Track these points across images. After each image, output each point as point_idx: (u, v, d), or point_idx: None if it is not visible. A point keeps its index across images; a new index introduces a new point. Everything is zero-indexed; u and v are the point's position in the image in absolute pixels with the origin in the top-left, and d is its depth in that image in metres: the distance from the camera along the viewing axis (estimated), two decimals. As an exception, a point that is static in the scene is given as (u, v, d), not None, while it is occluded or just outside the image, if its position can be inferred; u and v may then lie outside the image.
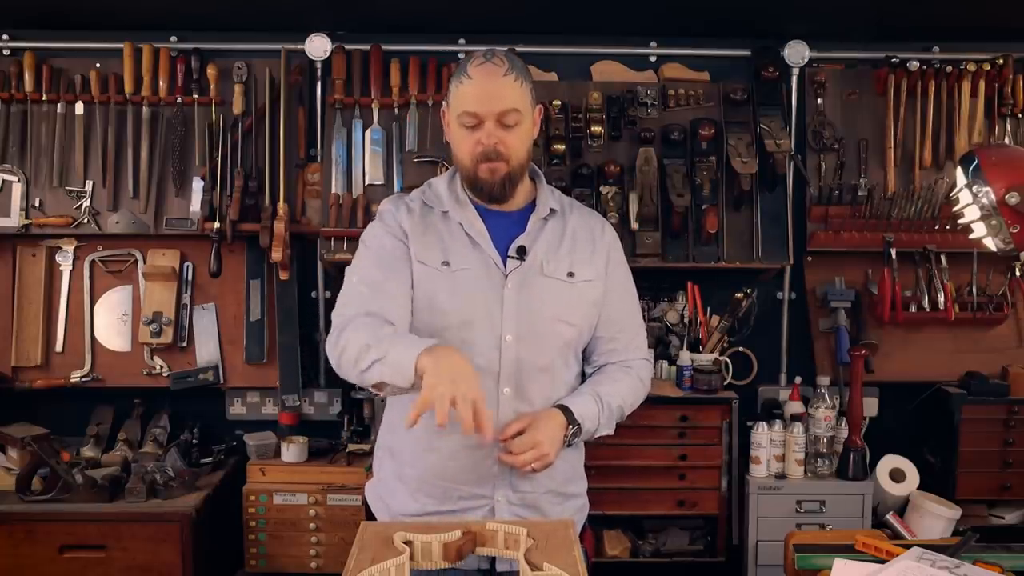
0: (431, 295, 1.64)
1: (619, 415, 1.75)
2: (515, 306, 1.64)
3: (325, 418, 2.90)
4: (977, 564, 1.45)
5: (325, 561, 2.61)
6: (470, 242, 1.67)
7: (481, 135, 1.60)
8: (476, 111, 1.59)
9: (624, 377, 1.77)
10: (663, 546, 2.67)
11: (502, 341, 1.64)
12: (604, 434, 1.73)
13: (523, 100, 1.62)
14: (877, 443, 2.75)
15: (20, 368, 2.85)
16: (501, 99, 1.59)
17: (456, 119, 1.63)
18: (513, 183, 1.66)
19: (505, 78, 1.59)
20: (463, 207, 1.69)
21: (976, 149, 1.92)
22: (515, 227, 1.70)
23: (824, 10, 2.73)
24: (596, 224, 1.80)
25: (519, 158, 1.64)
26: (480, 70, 1.60)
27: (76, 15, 2.81)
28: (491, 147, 1.60)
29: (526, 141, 1.66)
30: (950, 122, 2.89)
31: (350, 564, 1.30)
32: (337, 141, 2.85)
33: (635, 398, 1.80)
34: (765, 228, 2.84)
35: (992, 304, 2.85)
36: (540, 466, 1.59)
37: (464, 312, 1.64)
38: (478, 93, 1.59)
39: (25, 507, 2.42)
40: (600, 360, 1.80)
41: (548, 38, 2.92)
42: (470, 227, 1.67)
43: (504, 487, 1.67)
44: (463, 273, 1.65)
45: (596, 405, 1.69)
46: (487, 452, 1.64)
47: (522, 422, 1.60)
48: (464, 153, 1.64)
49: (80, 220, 2.83)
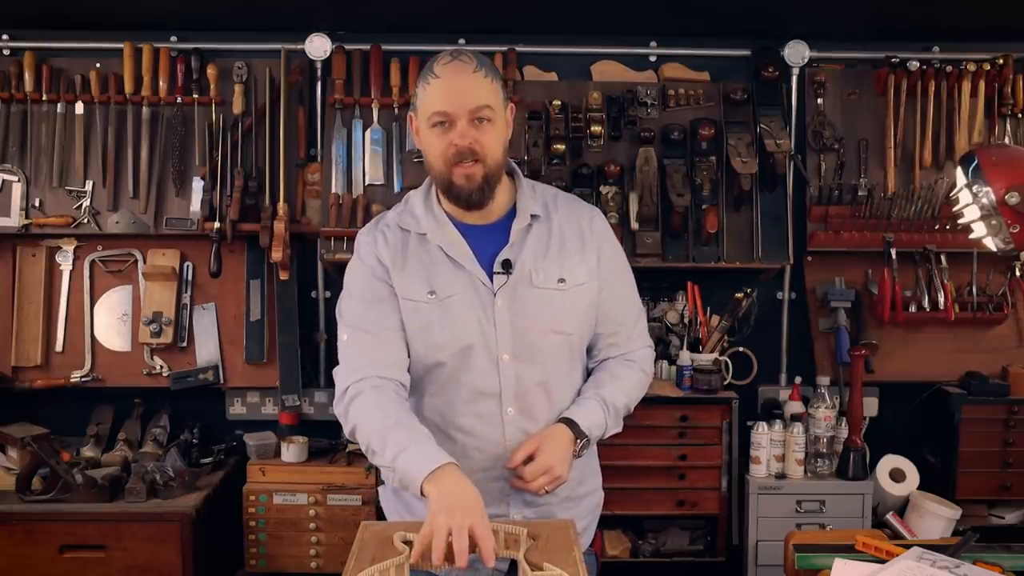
0: (423, 328, 1.60)
1: (625, 412, 1.73)
2: (508, 323, 1.60)
3: (325, 418, 2.89)
4: (977, 564, 1.45)
5: (325, 561, 2.61)
6: (453, 264, 1.61)
7: (454, 136, 1.52)
8: (447, 109, 1.52)
9: (627, 372, 1.73)
10: (663, 546, 2.68)
11: (499, 361, 1.60)
12: (613, 433, 1.71)
13: (495, 97, 1.55)
14: (877, 443, 2.76)
15: (20, 368, 2.85)
16: (473, 96, 1.52)
17: (426, 121, 1.55)
18: (491, 186, 1.58)
19: (475, 75, 1.53)
20: (441, 226, 1.62)
21: (976, 149, 1.92)
22: (498, 238, 1.63)
23: (824, 10, 2.72)
24: (583, 217, 1.70)
25: (495, 158, 1.56)
26: (448, 68, 1.53)
27: (76, 15, 2.81)
28: (465, 147, 1.52)
29: (501, 140, 1.58)
30: (950, 122, 2.89)
31: (350, 564, 1.30)
32: (337, 141, 2.85)
33: (640, 391, 1.77)
34: (765, 228, 2.84)
35: (992, 304, 2.85)
36: (553, 488, 1.56)
37: (459, 339, 1.59)
38: (448, 91, 1.52)
39: (25, 507, 2.42)
40: (601, 355, 1.75)
41: (548, 38, 2.92)
42: (450, 248, 1.61)
43: (519, 504, 1.65)
44: (451, 300, 1.60)
45: (602, 411, 1.65)
46: (500, 473, 1.62)
47: (530, 446, 1.56)
48: (437, 157, 1.55)
49: (80, 220, 2.83)
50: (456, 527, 1.33)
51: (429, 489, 1.40)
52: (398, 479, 1.48)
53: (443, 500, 1.37)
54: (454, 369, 1.61)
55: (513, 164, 1.70)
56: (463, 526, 1.33)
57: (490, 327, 1.60)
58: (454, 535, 1.32)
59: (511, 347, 1.60)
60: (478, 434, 1.62)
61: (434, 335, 1.60)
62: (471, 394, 1.61)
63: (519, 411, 1.62)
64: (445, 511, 1.35)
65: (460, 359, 1.60)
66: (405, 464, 1.45)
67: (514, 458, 1.56)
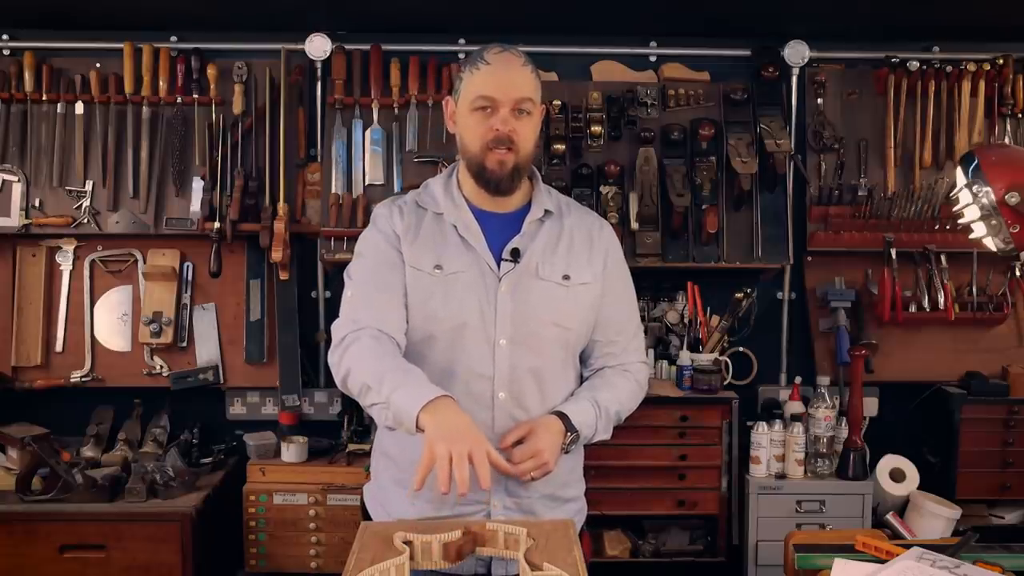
0: (424, 300, 1.64)
1: (616, 420, 1.74)
2: (509, 310, 1.64)
3: (325, 418, 2.90)
4: (977, 564, 1.45)
5: (325, 561, 2.61)
6: (464, 244, 1.66)
7: (495, 121, 1.60)
8: (493, 95, 1.59)
9: (622, 382, 1.76)
10: (663, 546, 2.67)
11: (496, 345, 1.63)
12: (601, 439, 1.73)
13: (535, 92, 1.64)
14: (877, 443, 2.75)
15: (20, 368, 2.85)
16: (518, 87, 1.60)
17: (469, 104, 1.62)
18: (519, 175, 1.66)
19: (523, 68, 1.62)
20: (458, 208, 1.69)
21: (976, 149, 1.91)
22: (510, 228, 1.69)
23: (824, 10, 2.73)
24: (594, 224, 1.78)
25: (527, 150, 1.64)
26: (499, 57, 1.61)
27: (76, 15, 2.81)
28: (505, 134, 1.59)
29: (535, 134, 1.67)
30: (950, 122, 2.89)
31: (350, 564, 1.30)
32: (337, 141, 2.85)
33: (633, 403, 1.79)
34: (765, 228, 2.84)
35: (992, 304, 2.85)
36: (540, 474, 1.58)
37: (457, 316, 1.63)
38: (496, 79, 1.60)
39: (25, 507, 2.42)
40: (597, 364, 1.78)
41: (548, 38, 2.92)
42: (464, 229, 1.67)
43: (500, 493, 1.66)
44: (456, 277, 1.64)
45: (594, 411, 1.68)
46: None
47: (521, 430, 1.60)
48: (474, 139, 1.63)
49: (80, 220, 2.83)
50: (456, 454, 1.35)
51: (425, 419, 1.42)
52: (392, 415, 1.48)
53: (440, 429, 1.39)
54: (447, 345, 1.64)
55: (533, 167, 1.76)
56: (462, 453, 1.36)
57: (490, 311, 1.63)
58: (455, 462, 1.35)
59: (509, 333, 1.64)
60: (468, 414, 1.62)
61: (434, 308, 1.64)
62: (464, 374, 1.64)
63: (510, 396, 1.65)
64: (443, 439, 1.37)
65: (454, 336, 1.63)
66: (401, 399, 1.46)
67: (505, 439, 1.59)
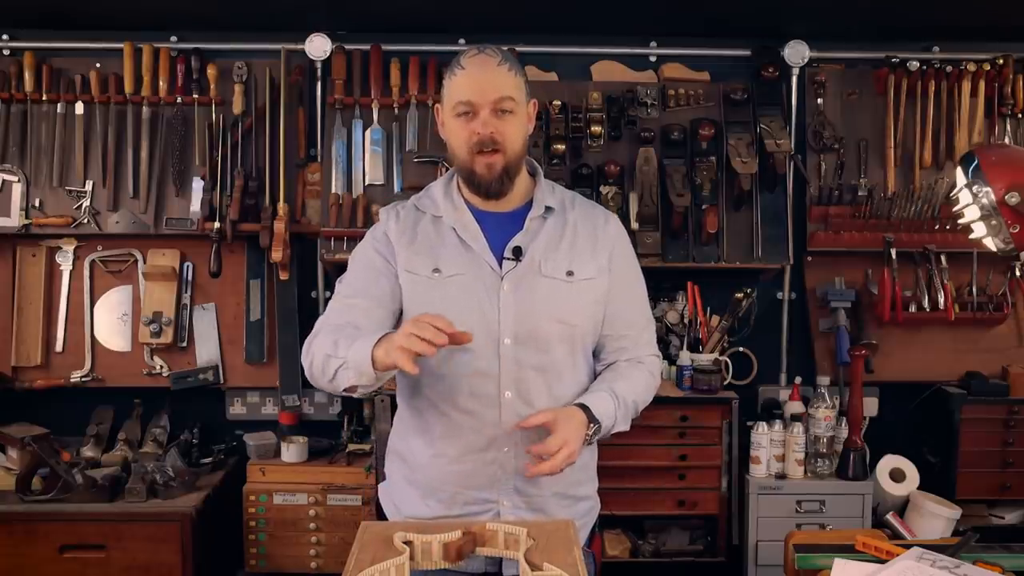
0: (424, 303, 1.62)
1: (634, 411, 1.73)
2: (512, 308, 1.63)
3: (325, 418, 2.90)
4: (977, 564, 1.45)
5: (325, 561, 2.62)
6: (462, 246, 1.65)
7: (476, 125, 1.59)
8: (471, 99, 1.59)
9: (636, 373, 1.74)
10: (663, 546, 2.67)
11: (500, 344, 1.62)
12: (620, 430, 1.71)
13: (517, 90, 1.62)
14: (877, 443, 2.75)
15: (20, 368, 2.85)
16: (495, 87, 1.59)
17: (451, 110, 1.62)
18: (510, 176, 1.64)
19: (499, 68, 1.60)
20: (457, 210, 1.68)
21: (976, 149, 1.91)
22: (512, 226, 1.68)
23: (824, 10, 2.73)
24: (599, 218, 1.76)
25: (515, 149, 1.63)
26: (474, 61, 1.60)
27: (76, 15, 2.81)
28: (487, 136, 1.58)
29: (522, 132, 1.65)
30: (950, 122, 2.89)
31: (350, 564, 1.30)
32: (337, 141, 2.85)
33: (648, 394, 1.78)
34: (765, 228, 2.84)
35: (992, 304, 2.86)
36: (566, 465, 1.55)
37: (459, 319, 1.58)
38: (472, 82, 1.59)
39: (25, 507, 2.43)
40: (610, 358, 1.76)
41: (548, 38, 2.92)
42: (463, 230, 1.66)
43: (509, 491, 1.65)
44: (455, 279, 1.64)
45: (613, 402, 1.65)
46: (493, 457, 1.63)
47: (544, 416, 1.57)
48: (460, 145, 1.62)
49: (80, 220, 2.83)
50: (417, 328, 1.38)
51: (377, 352, 1.44)
52: (352, 368, 1.49)
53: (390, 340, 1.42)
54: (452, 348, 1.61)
55: (535, 163, 1.75)
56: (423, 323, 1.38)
57: (493, 310, 1.62)
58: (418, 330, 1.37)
59: (513, 331, 1.63)
60: (474, 414, 1.63)
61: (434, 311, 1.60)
62: (469, 374, 1.63)
63: (517, 395, 1.63)
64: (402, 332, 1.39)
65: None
66: (355, 350, 1.48)
67: (529, 420, 1.57)
